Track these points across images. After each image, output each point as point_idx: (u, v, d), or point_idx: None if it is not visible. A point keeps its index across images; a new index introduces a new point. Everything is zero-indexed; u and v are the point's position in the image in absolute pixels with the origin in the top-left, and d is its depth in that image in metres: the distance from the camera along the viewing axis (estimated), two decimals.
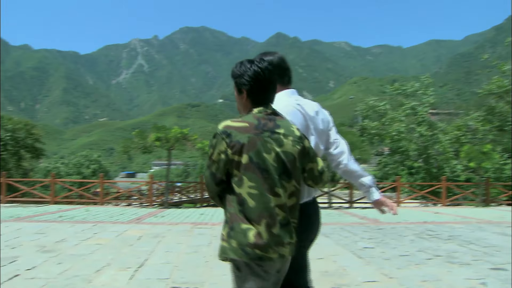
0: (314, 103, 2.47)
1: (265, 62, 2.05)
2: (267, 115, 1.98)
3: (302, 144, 2.00)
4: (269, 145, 1.90)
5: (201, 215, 12.21)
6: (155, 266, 5.40)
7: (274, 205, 1.87)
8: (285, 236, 1.88)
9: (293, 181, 1.96)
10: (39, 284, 4.52)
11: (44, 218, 10.69)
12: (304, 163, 2.04)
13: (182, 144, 16.14)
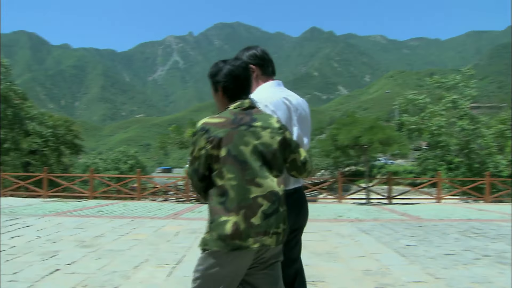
0: (294, 94, 2.52)
1: (239, 61, 2.19)
2: (243, 110, 2.09)
3: (283, 135, 2.09)
4: (246, 138, 2.00)
5: None
6: (193, 263, 5.29)
7: (256, 195, 1.94)
8: (269, 225, 1.93)
9: (275, 171, 2.03)
10: (78, 279, 4.51)
11: (83, 213, 10.84)
12: (286, 154, 2.11)
13: None
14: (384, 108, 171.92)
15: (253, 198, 1.93)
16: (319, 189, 23.28)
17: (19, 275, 4.64)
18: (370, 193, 17.63)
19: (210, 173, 2.04)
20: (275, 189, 1.99)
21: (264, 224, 1.92)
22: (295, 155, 2.14)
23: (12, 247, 6.22)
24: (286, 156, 2.13)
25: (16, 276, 4.60)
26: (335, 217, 10.55)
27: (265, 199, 1.94)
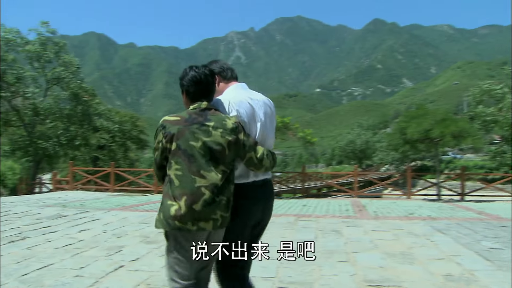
0: (259, 95, 2.76)
1: (203, 68, 2.49)
2: (200, 111, 2.39)
3: (235, 136, 2.36)
4: (196, 135, 2.30)
5: (303, 207, 11.79)
6: (259, 262, 5.02)
7: (199, 185, 2.25)
8: (208, 212, 2.24)
9: (221, 166, 2.31)
10: (142, 277, 4.36)
11: (147, 208, 10.86)
12: (240, 152, 2.40)
13: (283, 133, 15.73)
14: (451, 101, 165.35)
15: (197, 187, 2.25)
16: (387, 184, 22.45)
17: (85, 270, 4.57)
18: (441, 189, 16.75)
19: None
20: (217, 182, 2.29)
21: (204, 210, 2.24)
22: (251, 153, 2.43)
23: (79, 240, 6.23)
24: (242, 154, 2.42)
25: (82, 271, 4.52)
26: (405, 215, 9.97)
27: (207, 190, 2.26)
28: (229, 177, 2.37)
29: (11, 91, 23.55)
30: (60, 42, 25.44)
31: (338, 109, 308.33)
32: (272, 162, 2.54)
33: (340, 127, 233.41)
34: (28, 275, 4.40)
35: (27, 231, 6.92)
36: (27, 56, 24.42)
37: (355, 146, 76.92)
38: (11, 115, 24.68)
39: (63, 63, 25.04)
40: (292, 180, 30.92)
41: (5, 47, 23.79)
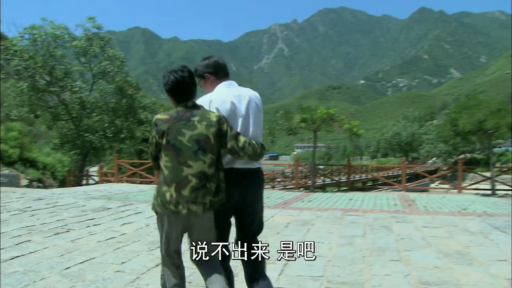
0: (248, 90, 3.01)
1: (181, 72, 2.76)
2: (186, 108, 2.71)
3: (219, 127, 2.67)
4: (183, 130, 2.63)
5: (350, 200, 11.44)
6: (305, 260, 4.79)
7: (187, 174, 2.59)
8: (196, 196, 2.58)
9: (209, 155, 2.64)
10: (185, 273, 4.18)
11: None
12: (223, 141, 2.69)
13: (328, 125, 15.35)
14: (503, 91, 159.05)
15: (184, 176, 2.61)
16: (437, 178, 21.68)
17: (126, 265, 4.47)
18: (496, 184, 15.98)
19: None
20: (205, 170, 2.63)
21: (192, 195, 2.59)
22: (233, 142, 2.70)
23: (122, 234, 6.16)
24: (224, 143, 2.71)
25: (123, 266, 4.42)
26: (458, 210, 9.48)
27: (194, 177, 2.60)
28: (218, 165, 2.74)
29: (59, 85, 24.08)
30: (105, 36, 25.80)
31: (383, 101, 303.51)
32: (257, 151, 2.79)
33: (385, 119, 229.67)
34: (70, 268, 4.34)
35: (72, 223, 6.93)
36: (74, 51, 24.88)
37: (401, 138, 75.24)
38: (60, 109, 25.26)
39: (108, 57, 25.38)
40: (336, 173, 30.47)
41: (53, 43, 24.34)
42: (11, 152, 21.84)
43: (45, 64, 23.53)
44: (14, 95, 24.03)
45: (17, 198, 10.31)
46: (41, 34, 23.46)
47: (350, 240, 5.90)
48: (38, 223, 6.90)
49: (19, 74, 23.69)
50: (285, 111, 16.65)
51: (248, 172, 2.89)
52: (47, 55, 23.78)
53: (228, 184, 2.79)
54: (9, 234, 6.03)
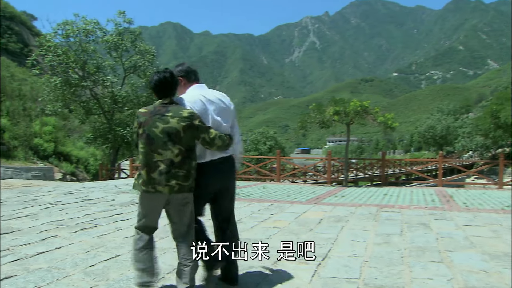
0: (216, 92, 3.54)
1: (163, 73, 3.22)
2: (163, 104, 3.17)
3: (190, 122, 3.11)
4: (157, 123, 3.09)
5: (385, 196, 11.05)
6: (341, 259, 4.52)
7: (157, 160, 3.09)
8: (163, 179, 3.08)
9: (178, 145, 3.09)
10: None
11: None
12: (194, 134, 3.16)
13: (362, 118, 14.92)
14: None
15: (154, 161, 3.08)
16: (475, 172, 20.96)
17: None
18: None
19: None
20: (172, 158, 3.08)
21: (159, 178, 3.08)
22: (204, 134, 3.19)
23: None
24: (196, 136, 3.17)
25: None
26: (501, 207, 8.97)
27: (162, 163, 3.08)
28: (189, 155, 3.18)
29: (92, 80, 24.30)
30: (135, 30, 25.91)
31: (416, 94, 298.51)
32: (226, 142, 3.33)
33: (419, 112, 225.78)
34: (95, 266, 4.20)
35: (99, 218, 6.84)
36: (106, 46, 25.05)
37: (435, 132, 73.71)
38: (92, 104, 25.52)
39: (139, 51, 25.49)
40: (369, 167, 29.95)
41: (85, 39, 24.56)
42: (46, 146, 22.20)
43: (77, 59, 23.79)
44: (48, 90, 24.35)
45: (48, 192, 10.36)
46: (73, 29, 23.71)
47: (387, 238, 5.59)
48: (66, 218, 6.84)
49: (53, 69, 24.00)
50: (317, 104, 16.25)
51: (224, 160, 3.46)
52: (79, 50, 24.02)
53: (211, 173, 3.38)
54: (38, 228, 5.99)
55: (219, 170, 3.42)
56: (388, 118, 14.88)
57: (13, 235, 5.53)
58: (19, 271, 3.97)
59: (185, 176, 3.14)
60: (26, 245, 5.01)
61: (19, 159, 20.02)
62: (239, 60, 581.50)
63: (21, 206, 8.06)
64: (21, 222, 6.42)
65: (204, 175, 3.34)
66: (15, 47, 71.23)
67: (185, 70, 3.54)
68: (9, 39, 72.77)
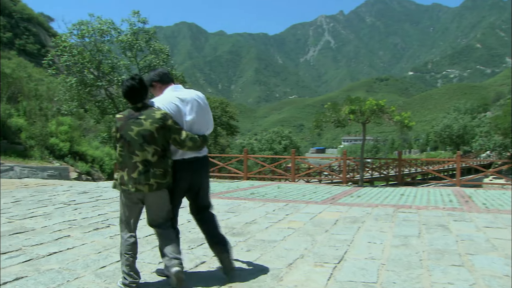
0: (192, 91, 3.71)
1: (131, 80, 3.45)
2: (136, 109, 3.43)
3: (162, 123, 3.37)
4: (132, 126, 3.36)
5: (401, 196, 10.88)
6: (357, 262, 4.39)
7: (135, 161, 3.37)
8: (142, 179, 3.37)
9: (153, 146, 3.36)
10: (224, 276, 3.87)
11: (236, 195, 10.51)
12: (167, 135, 3.40)
13: (378, 117, 14.71)
14: None
15: (133, 162, 3.37)
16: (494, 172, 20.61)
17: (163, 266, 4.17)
18: None
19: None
20: (149, 158, 3.36)
21: (139, 177, 3.36)
22: (176, 135, 3.40)
23: None
24: (168, 136, 3.40)
25: (161, 267, 4.12)
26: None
27: (140, 164, 3.36)
28: (164, 154, 3.45)
29: (106, 80, 24.36)
30: (150, 30, 25.92)
31: (432, 93, 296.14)
32: (197, 143, 3.51)
33: (435, 111, 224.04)
34: (106, 268, 4.14)
35: (113, 218, 6.79)
36: (121, 46, 25.09)
37: (452, 131, 73.01)
38: (107, 103, 25.58)
39: (153, 51, 25.49)
40: (385, 167, 29.67)
41: (100, 38, 24.64)
42: (62, 145, 22.31)
43: (92, 59, 23.86)
44: (64, 90, 24.48)
45: (63, 191, 10.37)
46: (88, 29, 23.78)
47: (405, 240, 5.44)
48: (79, 217, 6.81)
49: (68, 69, 24.12)
50: (332, 103, 16.07)
51: (196, 159, 3.64)
52: (94, 50, 24.09)
53: (182, 170, 3.58)
54: (51, 228, 5.99)
55: (190, 169, 3.62)
56: (405, 117, 14.66)
57: (26, 235, 5.52)
58: (30, 272, 3.93)
59: (163, 174, 3.43)
60: (39, 245, 4.99)
61: (35, 159, 20.15)
62: (254, 59, 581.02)
63: (35, 205, 8.08)
64: (34, 222, 6.42)
65: (175, 171, 3.57)
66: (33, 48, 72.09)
67: (157, 75, 3.75)
68: (27, 40, 73.68)
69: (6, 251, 4.70)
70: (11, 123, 21.34)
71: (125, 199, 3.54)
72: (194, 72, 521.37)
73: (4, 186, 11.66)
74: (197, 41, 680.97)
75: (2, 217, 6.77)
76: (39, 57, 49.85)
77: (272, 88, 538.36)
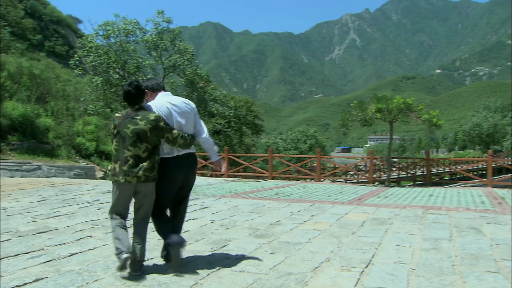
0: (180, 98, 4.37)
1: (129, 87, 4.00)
2: (133, 110, 3.95)
3: (156, 124, 3.87)
4: (128, 125, 3.84)
5: (430, 197, 10.57)
6: (385, 267, 4.19)
7: (127, 155, 3.81)
8: (132, 171, 3.80)
9: (145, 144, 3.84)
10: (247, 280, 3.74)
11: (260, 195, 10.37)
12: (159, 134, 3.91)
13: (405, 115, 14.36)
14: None
15: (125, 156, 3.83)
16: None
17: (185, 269, 4.06)
18: None
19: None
20: (140, 154, 3.84)
21: (129, 170, 3.81)
22: (168, 134, 3.94)
23: (185, 231, 5.81)
24: (161, 135, 3.93)
25: (182, 270, 4.00)
26: None
27: (131, 158, 3.82)
28: (154, 151, 3.93)
29: (132, 79, 24.53)
30: (175, 29, 25.96)
31: (460, 91, 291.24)
32: (187, 141, 4.06)
33: (463, 110, 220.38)
34: (126, 270, 4.02)
35: None
36: (146, 45, 25.22)
37: (481, 130, 71.56)
38: None
39: (178, 50, 25.53)
40: (412, 167, 29.17)
41: (126, 38, 24.81)
42: (88, 145, 22.54)
43: (118, 59, 24.04)
44: (90, 90, 24.74)
45: (87, 191, 10.39)
46: (114, 30, 23.97)
47: (435, 244, 5.21)
48: (102, 217, 6.78)
49: (94, 69, 24.36)
50: (359, 101, 15.77)
51: (189, 155, 4.22)
52: (120, 50, 24.28)
53: (176, 165, 4.10)
54: (73, 228, 5.97)
55: (184, 164, 4.18)
56: (433, 116, 14.28)
57: (49, 235, 5.52)
58: (50, 273, 3.89)
59: (150, 168, 3.90)
60: (61, 245, 4.96)
61: (62, 158, 20.39)
62: (279, 58, 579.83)
63: (60, 204, 8.10)
64: (58, 221, 6.42)
65: (171, 168, 4.09)
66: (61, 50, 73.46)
67: (150, 84, 4.40)
68: (56, 42, 75.15)
69: (29, 251, 4.68)
70: (39, 123, 21.65)
71: (116, 189, 3.97)
72: (220, 71, 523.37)
73: (31, 185, 11.79)
74: (222, 40, 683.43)
75: (27, 216, 6.79)
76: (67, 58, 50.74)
77: (297, 87, 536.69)
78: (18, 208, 7.64)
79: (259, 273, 3.96)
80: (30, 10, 73.29)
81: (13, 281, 3.62)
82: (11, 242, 5.07)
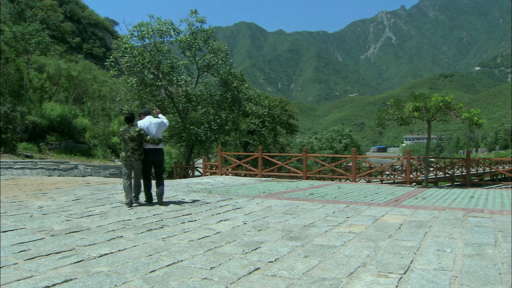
0: (154, 118, 8.63)
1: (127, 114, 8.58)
2: (129, 126, 8.35)
3: (138, 133, 8.17)
4: (126, 134, 8.21)
5: (471, 199, 10.17)
6: (425, 273, 3.95)
7: (128, 148, 8.19)
8: (131, 156, 8.18)
9: (135, 142, 8.17)
10: (279, 285, 3.57)
11: (294, 196, 10.20)
12: (140, 138, 8.19)
13: (444, 114, 13.88)
14: None
15: (128, 148, 8.21)
16: None
17: (215, 272, 3.94)
18: None
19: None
20: (134, 147, 8.16)
21: (130, 155, 8.20)
22: (145, 137, 8.24)
23: (217, 233, 5.73)
24: (142, 139, 8.24)
25: (212, 273, 3.89)
26: None
27: (130, 149, 8.19)
28: (140, 146, 8.21)
29: (166, 79, 24.67)
30: (208, 29, 26.00)
31: (501, 88, 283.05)
32: (155, 142, 8.30)
33: (504, 108, 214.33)
34: (155, 272, 3.93)
35: (167, 219, 6.69)
36: (180, 45, 25.35)
37: None
38: (167, 103, 25.90)
39: (212, 50, 25.57)
40: (450, 167, 28.40)
41: (160, 39, 25.00)
42: None
43: (152, 60, 24.25)
44: (125, 90, 25.04)
45: (121, 190, 10.45)
46: (148, 30, 24.19)
47: (479, 249, 4.92)
48: (134, 217, 6.76)
49: (129, 70, 24.63)
50: (396, 100, 15.36)
51: (154, 149, 8.41)
52: (154, 51, 24.49)
53: (148, 154, 8.36)
54: (105, 228, 5.97)
55: (152, 153, 8.40)
56: (474, 114, 13.75)
57: (81, 234, 5.52)
58: (80, 274, 3.84)
59: (140, 154, 8.21)
60: (91, 246, 4.94)
61: (98, 157, 20.71)
62: (314, 57, 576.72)
63: (94, 204, 8.18)
64: (90, 221, 6.44)
65: (147, 154, 8.36)
66: (99, 52, 75.04)
67: (143, 111, 8.77)
68: (93, 44, 76.84)
69: (60, 250, 4.68)
70: (76, 123, 22.04)
71: (124, 165, 8.26)
72: (254, 71, 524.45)
73: (68, 184, 11.95)
74: (256, 40, 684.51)
75: (61, 215, 6.84)
76: (104, 59, 51.83)
77: (332, 86, 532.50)
78: (54, 207, 7.74)
79: (292, 278, 3.80)
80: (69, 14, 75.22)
81: (43, 282, 3.59)
82: (44, 241, 5.09)
